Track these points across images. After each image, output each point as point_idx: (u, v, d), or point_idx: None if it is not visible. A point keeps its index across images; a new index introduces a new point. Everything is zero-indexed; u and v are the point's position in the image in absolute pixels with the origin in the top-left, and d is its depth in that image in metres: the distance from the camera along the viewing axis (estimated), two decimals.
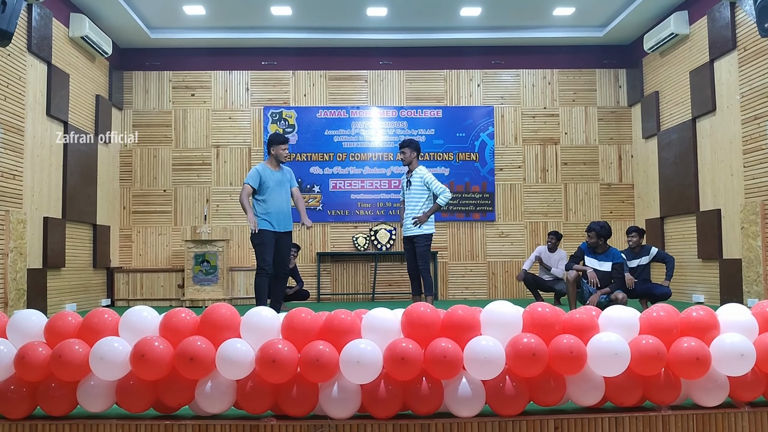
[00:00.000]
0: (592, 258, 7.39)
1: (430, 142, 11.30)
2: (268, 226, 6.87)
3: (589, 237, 7.33)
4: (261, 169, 6.94)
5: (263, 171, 6.93)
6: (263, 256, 6.84)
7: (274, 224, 6.91)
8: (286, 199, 7.04)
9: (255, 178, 6.88)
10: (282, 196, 6.98)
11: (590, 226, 7.37)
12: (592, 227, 7.33)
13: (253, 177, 6.89)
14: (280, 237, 6.99)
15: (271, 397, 2.93)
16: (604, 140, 11.54)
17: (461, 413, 2.93)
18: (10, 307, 7.57)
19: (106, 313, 3.14)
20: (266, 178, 6.90)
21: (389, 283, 11.17)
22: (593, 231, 7.29)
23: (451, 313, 3.05)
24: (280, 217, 6.96)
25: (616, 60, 11.60)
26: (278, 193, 6.94)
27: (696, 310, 3.14)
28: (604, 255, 7.33)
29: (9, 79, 7.82)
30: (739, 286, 8.42)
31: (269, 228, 6.87)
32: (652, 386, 3.00)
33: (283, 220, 6.99)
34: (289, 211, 7.07)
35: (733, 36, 8.56)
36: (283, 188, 7.01)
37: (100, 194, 10.30)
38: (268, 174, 6.93)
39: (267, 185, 6.89)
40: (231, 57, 11.39)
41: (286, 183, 7.08)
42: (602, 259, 7.32)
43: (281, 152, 7.00)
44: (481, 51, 11.49)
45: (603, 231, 7.29)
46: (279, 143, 7.00)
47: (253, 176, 6.90)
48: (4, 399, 2.99)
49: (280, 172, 7.04)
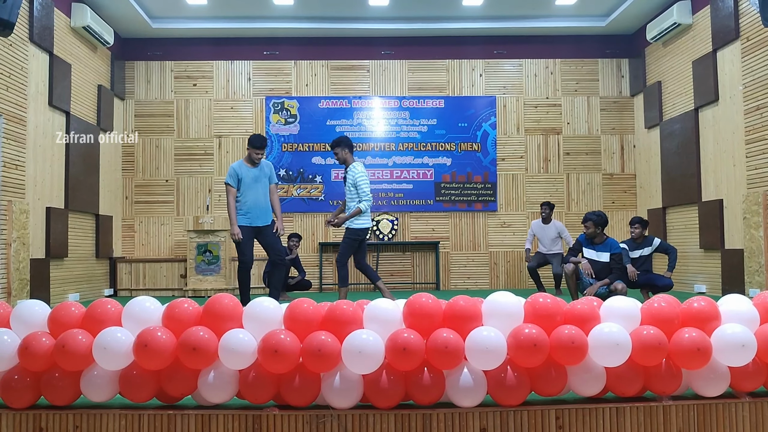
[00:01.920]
0: (590, 249, 7.39)
1: (432, 132, 11.29)
2: (245, 221, 7.06)
3: (586, 227, 7.33)
4: (238, 167, 7.13)
5: (240, 168, 7.12)
6: (243, 250, 7.07)
7: (251, 219, 7.10)
8: (263, 193, 7.19)
9: (233, 176, 7.09)
10: (258, 191, 7.14)
11: (586, 216, 7.36)
12: (588, 217, 7.32)
13: (232, 176, 7.10)
14: (260, 230, 7.17)
15: (273, 387, 2.94)
16: (607, 130, 11.52)
17: (463, 403, 2.94)
18: (14, 297, 7.60)
19: (109, 303, 3.15)
20: (243, 174, 7.09)
21: (391, 273, 11.18)
22: (590, 221, 7.28)
23: (453, 304, 3.05)
24: (257, 212, 7.13)
25: (618, 50, 11.56)
26: (254, 189, 7.11)
27: (697, 300, 3.14)
28: (602, 245, 7.33)
29: (11, 69, 7.82)
30: (740, 277, 8.42)
31: (246, 224, 7.06)
32: (653, 377, 3.00)
33: (261, 215, 7.16)
34: (267, 205, 7.23)
35: (736, 26, 8.53)
36: (260, 183, 7.16)
37: (103, 184, 10.31)
38: (244, 171, 7.11)
39: (244, 182, 7.08)
40: (233, 47, 11.37)
41: (264, 178, 7.22)
42: (600, 249, 7.32)
43: (254, 156, 7.16)
44: (483, 41, 11.46)
45: (600, 220, 7.28)
46: (254, 148, 7.16)
47: (231, 175, 7.09)
48: (8, 388, 3.01)
49: (257, 168, 7.18)
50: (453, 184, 11.26)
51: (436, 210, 11.28)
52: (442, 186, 11.25)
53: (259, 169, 7.19)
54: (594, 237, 7.33)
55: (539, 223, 9.75)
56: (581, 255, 7.46)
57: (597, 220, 7.27)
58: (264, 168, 7.24)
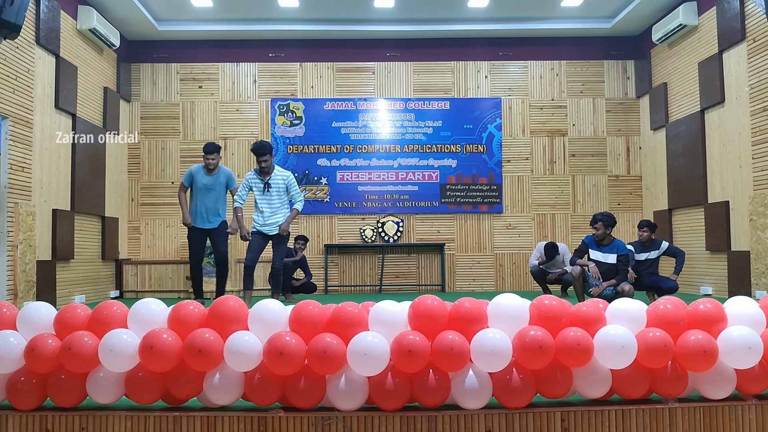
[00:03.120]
0: (596, 251, 7.36)
1: (438, 134, 11.29)
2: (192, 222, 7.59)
3: (596, 229, 7.29)
4: (195, 171, 7.53)
5: (196, 173, 7.51)
6: (190, 250, 7.76)
7: (196, 222, 7.64)
8: (214, 200, 7.60)
9: (187, 177, 7.62)
10: (207, 197, 7.53)
11: (595, 217, 7.33)
12: (598, 218, 7.29)
13: (186, 176, 7.63)
14: (205, 232, 7.65)
15: (278, 389, 2.94)
16: (612, 132, 11.50)
17: (468, 405, 2.94)
18: (20, 299, 7.62)
19: (115, 305, 3.16)
20: (197, 179, 7.46)
21: (396, 275, 11.18)
22: (600, 222, 7.26)
23: (458, 306, 3.05)
24: (202, 216, 7.59)
25: (624, 51, 11.54)
26: (203, 194, 7.51)
27: (703, 302, 3.14)
28: (608, 247, 7.31)
29: (18, 72, 7.84)
30: (747, 279, 8.39)
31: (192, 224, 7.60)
32: (659, 379, 3.00)
33: (205, 220, 7.61)
34: (215, 210, 7.65)
35: (742, 27, 8.51)
36: (212, 191, 7.53)
37: (109, 186, 10.33)
38: (200, 176, 7.47)
39: (196, 186, 7.47)
40: (238, 49, 11.39)
41: (218, 186, 7.57)
42: (606, 251, 7.30)
43: (206, 161, 7.48)
44: (489, 42, 11.46)
45: (609, 221, 7.27)
46: (205, 153, 7.52)
47: (186, 176, 7.64)
48: (14, 390, 3.02)
49: (213, 177, 7.52)
50: (458, 186, 11.25)
51: (442, 212, 11.27)
52: (448, 188, 11.25)
53: (214, 177, 7.52)
54: (603, 238, 7.31)
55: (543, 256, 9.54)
56: (587, 257, 7.44)
57: (607, 221, 7.26)
58: (220, 176, 7.57)
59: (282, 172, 7.44)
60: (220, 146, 7.78)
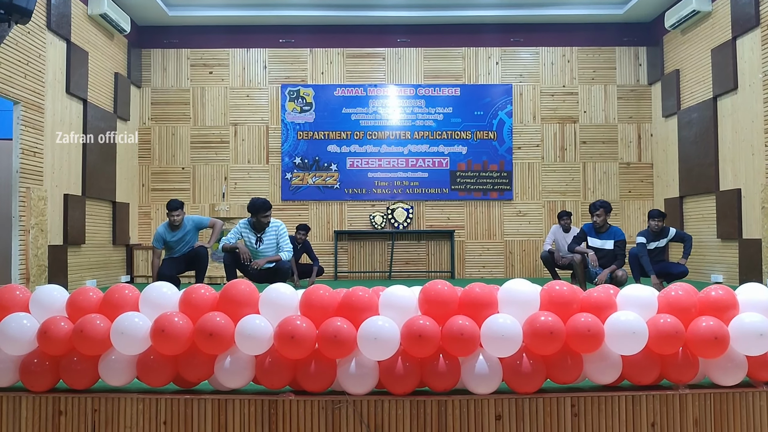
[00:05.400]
0: (594, 238, 7.55)
1: (448, 121, 11.25)
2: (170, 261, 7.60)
3: (598, 216, 7.47)
4: (162, 232, 7.54)
5: (164, 234, 7.53)
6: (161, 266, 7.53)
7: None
8: (186, 247, 7.60)
9: (159, 241, 7.56)
10: (183, 248, 7.58)
11: (595, 205, 7.50)
12: (598, 205, 7.48)
13: (158, 240, 7.55)
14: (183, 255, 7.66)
15: (289, 372, 2.96)
16: (624, 119, 11.43)
17: (478, 390, 2.95)
18: (32, 283, 7.67)
19: (127, 288, 3.17)
20: (168, 239, 7.52)
21: (406, 261, 11.19)
22: (601, 208, 7.45)
23: (469, 291, 3.05)
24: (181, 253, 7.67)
25: (636, 38, 11.45)
26: (180, 247, 7.57)
27: (715, 289, 3.13)
28: (606, 234, 7.51)
29: (29, 57, 7.86)
30: (758, 266, 8.35)
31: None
32: (670, 365, 2.99)
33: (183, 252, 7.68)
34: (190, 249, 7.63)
35: (756, 13, 8.42)
36: (183, 242, 7.58)
37: (119, 172, 10.37)
38: (168, 236, 7.53)
39: (169, 245, 7.55)
40: (249, 35, 11.37)
41: (188, 236, 7.63)
42: (604, 237, 7.53)
43: (171, 218, 7.50)
44: (500, 28, 11.39)
45: (610, 207, 7.59)
46: (168, 210, 7.52)
47: (157, 239, 7.56)
48: (28, 372, 3.05)
49: (180, 231, 7.57)
50: (468, 173, 11.23)
51: (452, 198, 11.25)
52: (458, 174, 11.22)
53: (182, 231, 7.56)
54: (602, 225, 7.47)
55: (561, 231, 9.53)
56: (586, 245, 7.58)
57: (608, 207, 7.49)
58: (187, 227, 7.59)
59: (275, 223, 7.26)
60: (182, 202, 7.67)
